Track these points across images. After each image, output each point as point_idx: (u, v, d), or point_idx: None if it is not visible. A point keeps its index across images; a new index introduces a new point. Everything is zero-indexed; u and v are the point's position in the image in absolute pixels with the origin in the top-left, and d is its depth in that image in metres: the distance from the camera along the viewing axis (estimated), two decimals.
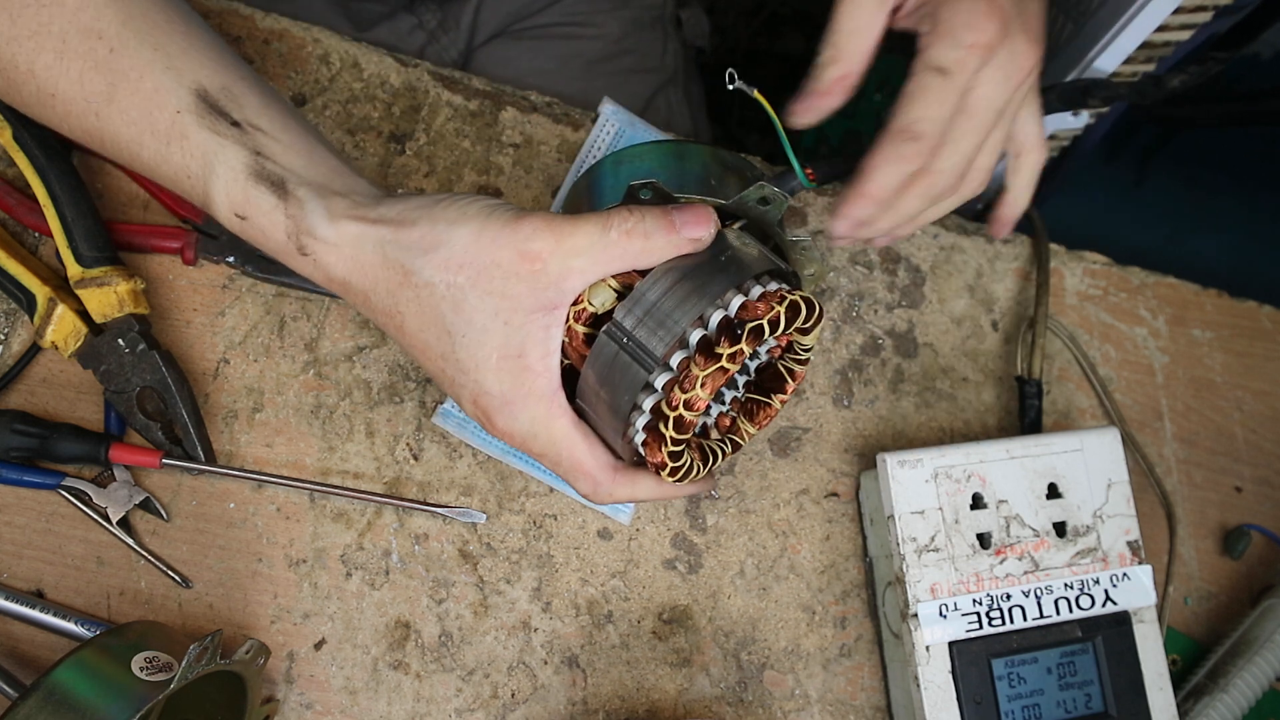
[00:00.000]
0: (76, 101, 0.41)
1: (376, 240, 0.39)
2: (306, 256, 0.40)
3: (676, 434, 0.39)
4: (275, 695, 0.50)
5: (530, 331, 0.39)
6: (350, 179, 0.42)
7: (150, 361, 0.50)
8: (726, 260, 0.40)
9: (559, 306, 0.39)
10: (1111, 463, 0.52)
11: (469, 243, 0.38)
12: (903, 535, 0.50)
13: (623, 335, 0.39)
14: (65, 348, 0.50)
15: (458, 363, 0.39)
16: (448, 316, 0.39)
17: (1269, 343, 0.63)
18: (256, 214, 0.40)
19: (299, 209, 0.40)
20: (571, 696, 0.52)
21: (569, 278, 0.38)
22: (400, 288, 0.39)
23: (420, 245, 0.39)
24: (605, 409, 0.41)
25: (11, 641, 0.49)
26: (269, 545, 0.52)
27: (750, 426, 0.46)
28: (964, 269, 0.60)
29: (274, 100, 0.43)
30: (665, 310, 0.39)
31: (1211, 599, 0.58)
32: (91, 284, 0.49)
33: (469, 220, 0.39)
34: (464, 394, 0.40)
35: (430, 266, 0.38)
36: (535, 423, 0.40)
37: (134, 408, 0.50)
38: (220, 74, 0.41)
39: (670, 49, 0.80)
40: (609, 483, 0.42)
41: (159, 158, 0.41)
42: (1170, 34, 0.59)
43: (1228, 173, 0.83)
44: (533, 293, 0.38)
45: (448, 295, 0.38)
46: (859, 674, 0.54)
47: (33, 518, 0.51)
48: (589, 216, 0.39)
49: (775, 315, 0.38)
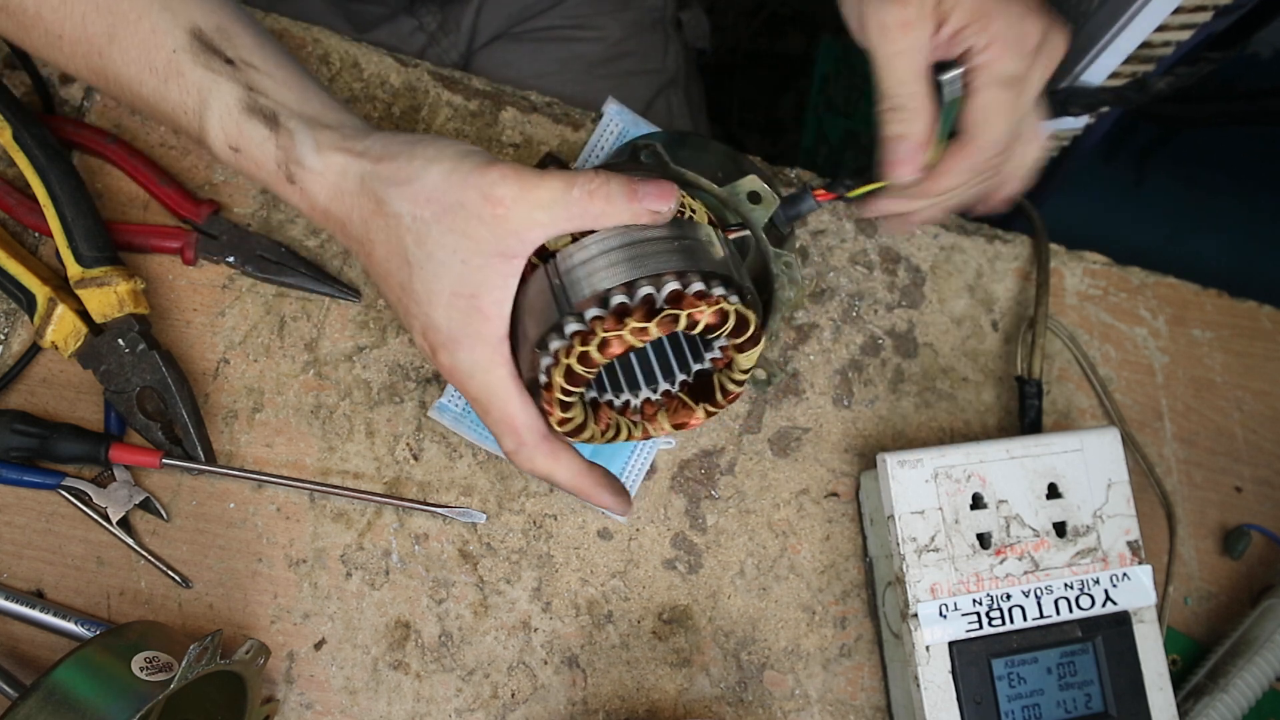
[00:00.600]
0: (80, 43, 0.43)
1: (358, 171, 0.41)
2: (294, 185, 0.42)
3: (566, 383, 0.39)
4: (275, 695, 0.50)
5: (486, 275, 0.40)
6: (339, 114, 0.43)
7: (150, 361, 0.50)
8: (681, 246, 0.40)
9: (518, 256, 0.40)
10: (1111, 463, 0.52)
11: (439, 180, 0.39)
12: (903, 535, 0.50)
13: (555, 275, 0.40)
14: (65, 348, 0.50)
15: (414, 293, 0.41)
16: (410, 248, 0.40)
17: (1269, 343, 0.63)
18: (249, 146, 0.42)
19: (289, 140, 0.42)
20: (571, 696, 0.52)
21: (531, 229, 0.39)
22: (373, 216, 0.41)
23: (395, 178, 0.40)
24: (523, 341, 0.41)
25: (11, 641, 0.49)
26: (269, 545, 0.52)
27: (666, 422, 0.45)
28: (964, 269, 0.60)
29: (267, 39, 0.45)
30: (599, 267, 0.39)
31: (1211, 599, 0.58)
32: (91, 284, 0.49)
33: (444, 160, 0.40)
34: (415, 325, 0.42)
35: (400, 198, 0.40)
36: (475, 365, 0.41)
37: (134, 408, 0.50)
38: (215, 14, 0.43)
39: (671, 51, 0.80)
40: (532, 446, 0.42)
41: (158, 95, 0.43)
42: (1170, 34, 0.59)
43: (1228, 173, 0.83)
44: (494, 237, 0.39)
45: (412, 228, 0.40)
46: (859, 674, 0.54)
47: (33, 518, 0.51)
48: (557, 173, 0.40)
49: (699, 315, 0.38)
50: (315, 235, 0.55)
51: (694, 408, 0.45)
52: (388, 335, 0.54)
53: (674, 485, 0.55)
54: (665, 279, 0.39)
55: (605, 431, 0.44)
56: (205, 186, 0.55)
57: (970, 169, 0.45)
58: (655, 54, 0.78)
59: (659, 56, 0.79)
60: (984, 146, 0.44)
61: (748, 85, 1.37)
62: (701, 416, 0.45)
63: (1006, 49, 0.42)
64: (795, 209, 0.48)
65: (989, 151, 0.44)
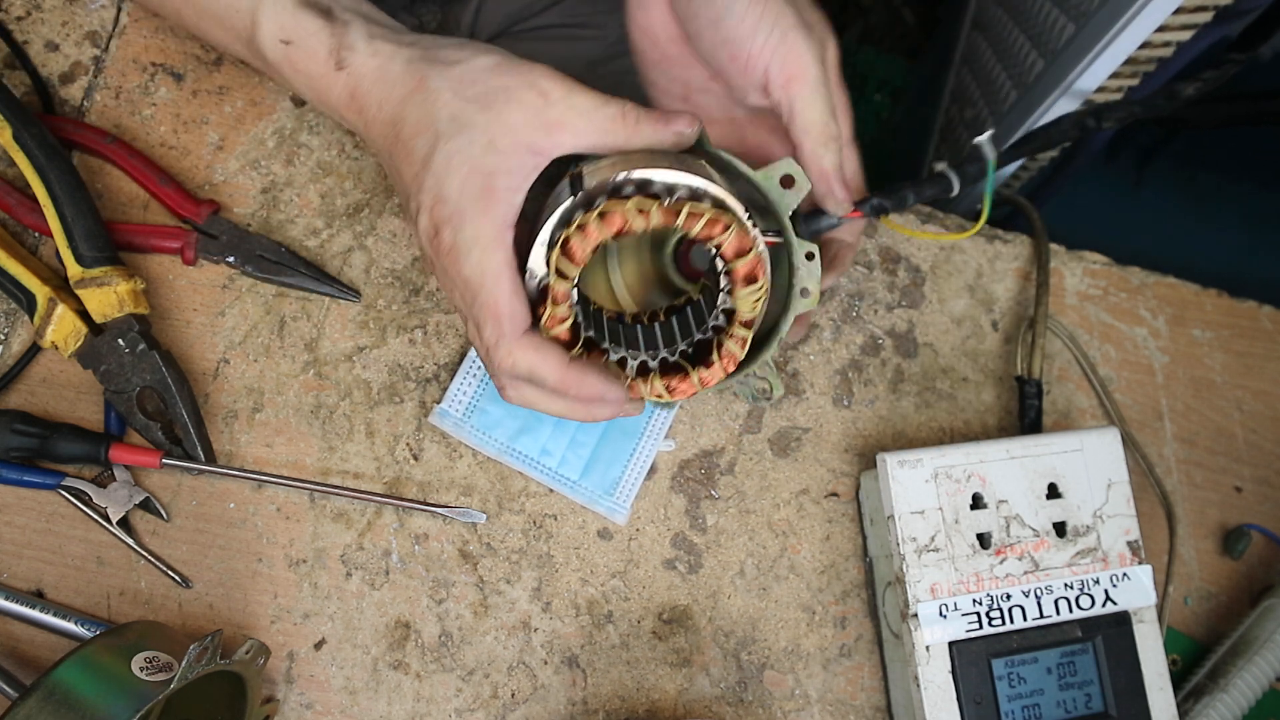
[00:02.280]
0: None
1: (406, 56, 0.43)
2: (341, 71, 0.43)
3: (563, 256, 0.40)
4: (275, 695, 0.50)
5: (509, 162, 0.40)
6: (391, 20, 0.45)
7: (150, 361, 0.50)
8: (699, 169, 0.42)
9: (543, 154, 0.41)
10: (1111, 463, 0.52)
11: (487, 65, 0.41)
12: (903, 535, 0.50)
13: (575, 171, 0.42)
14: (65, 348, 0.50)
15: (432, 165, 0.41)
16: (442, 121, 0.41)
17: (1269, 343, 0.63)
18: (303, 36, 0.44)
19: (343, 29, 0.43)
20: (571, 696, 0.52)
21: (564, 131, 0.40)
22: (412, 94, 0.42)
23: (442, 60, 0.42)
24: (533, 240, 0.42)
25: (12, 641, 0.49)
26: (269, 545, 0.52)
27: (660, 384, 0.45)
28: (964, 269, 0.60)
29: None
30: (617, 162, 0.41)
31: (1211, 599, 0.58)
32: (91, 284, 0.49)
33: (493, 53, 0.42)
34: (424, 200, 0.42)
35: (444, 77, 0.41)
36: (474, 243, 0.41)
37: (134, 408, 0.50)
38: None
39: None
40: (512, 338, 0.41)
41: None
42: (1170, 34, 0.59)
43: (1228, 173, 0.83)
44: (527, 127, 0.40)
45: (450, 103, 0.41)
46: (859, 674, 0.54)
47: (33, 518, 0.51)
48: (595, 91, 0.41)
49: (701, 213, 0.39)
50: (315, 235, 0.55)
51: (688, 371, 0.45)
52: (388, 335, 0.54)
53: (674, 485, 0.55)
54: (678, 188, 0.41)
55: (614, 372, 0.44)
56: (205, 186, 0.55)
57: None
58: None
59: None
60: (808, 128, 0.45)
61: None
62: (694, 381, 0.44)
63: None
64: (815, 225, 0.48)
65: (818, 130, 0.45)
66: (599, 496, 0.54)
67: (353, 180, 0.56)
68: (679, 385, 0.44)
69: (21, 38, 0.55)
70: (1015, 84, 0.69)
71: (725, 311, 0.44)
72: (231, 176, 0.55)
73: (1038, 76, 0.65)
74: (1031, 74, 0.66)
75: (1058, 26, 0.63)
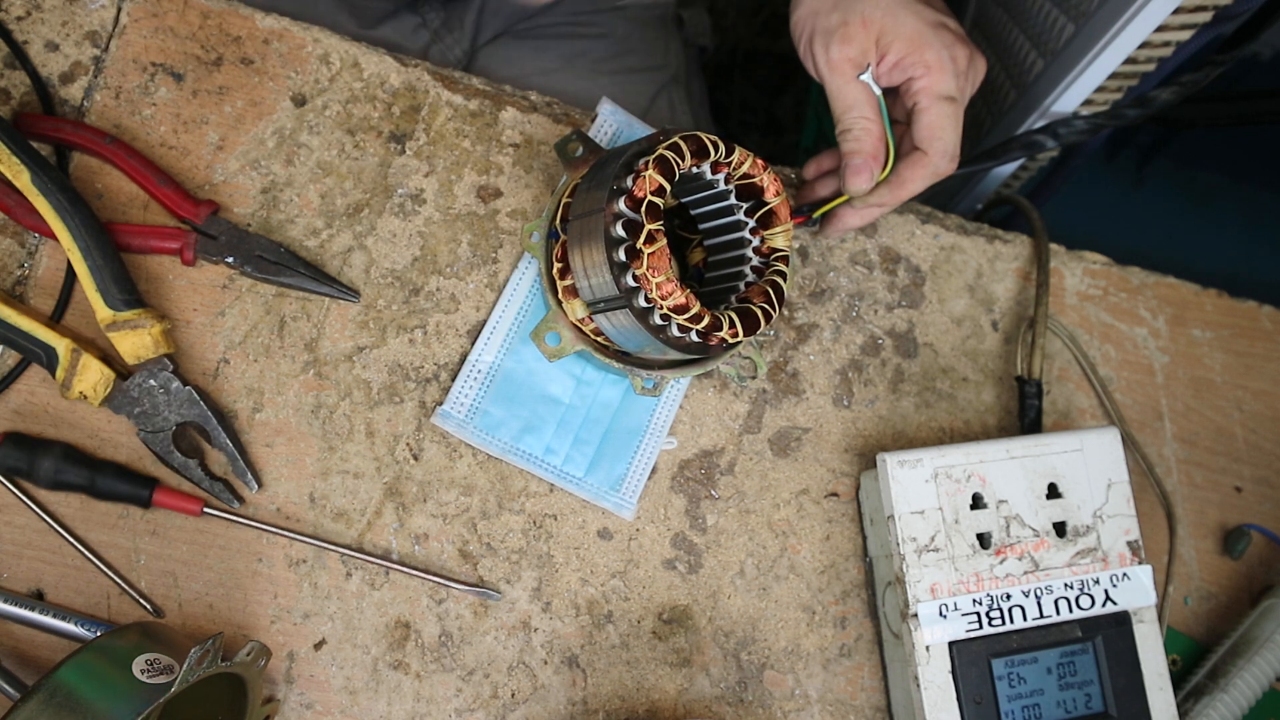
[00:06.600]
0: None
1: None
2: None
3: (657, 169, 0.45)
4: (275, 695, 0.50)
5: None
6: None
7: (185, 397, 0.50)
8: None
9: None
10: (1111, 463, 0.52)
11: None
12: (903, 535, 0.50)
13: None
14: (95, 396, 0.49)
15: None
16: None
17: (1269, 343, 0.63)
18: None
19: None
20: (571, 696, 0.52)
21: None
22: None
23: None
24: None
25: (12, 642, 0.49)
26: (269, 545, 0.52)
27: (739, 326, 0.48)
28: (964, 269, 0.60)
29: None
30: None
31: (1211, 599, 0.58)
32: (125, 327, 0.49)
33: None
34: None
35: None
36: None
37: (170, 447, 0.50)
38: None
39: (672, 48, 0.80)
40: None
41: None
42: (1170, 34, 0.59)
43: (1228, 173, 0.83)
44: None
45: None
46: (859, 674, 0.54)
47: (33, 518, 0.51)
48: None
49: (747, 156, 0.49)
50: (315, 235, 0.55)
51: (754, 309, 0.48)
52: (388, 335, 0.54)
53: (674, 485, 0.55)
54: None
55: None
56: (205, 187, 0.55)
57: (928, 177, 0.51)
58: (657, 51, 0.79)
59: (661, 54, 0.79)
60: (937, 157, 0.51)
61: (747, 85, 1.37)
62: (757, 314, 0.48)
63: (943, 72, 0.50)
64: None
65: (943, 161, 0.51)
66: (605, 493, 0.54)
67: (353, 180, 0.56)
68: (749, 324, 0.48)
69: (21, 38, 0.55)
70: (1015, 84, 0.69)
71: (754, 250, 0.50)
72: (231, 177, 0.55)
73: (1037, 76, 0.65)
74: (1031, 74, 0.66)
75: (1057, 26, 0.63)
